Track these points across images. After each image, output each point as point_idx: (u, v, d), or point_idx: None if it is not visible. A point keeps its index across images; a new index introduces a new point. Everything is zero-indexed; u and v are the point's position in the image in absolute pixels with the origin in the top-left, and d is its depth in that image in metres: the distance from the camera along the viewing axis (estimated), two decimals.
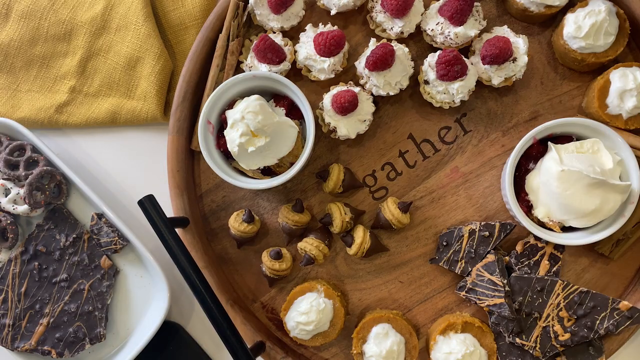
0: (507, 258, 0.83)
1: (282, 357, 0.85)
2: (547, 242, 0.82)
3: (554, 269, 0.81)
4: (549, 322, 0.80)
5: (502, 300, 0.79)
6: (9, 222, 0.90)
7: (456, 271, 0.84)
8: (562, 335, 0.79)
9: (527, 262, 0.82)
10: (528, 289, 0.80)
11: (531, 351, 0.80)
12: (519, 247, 0.82)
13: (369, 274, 0.87)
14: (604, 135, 0.78)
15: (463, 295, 0.83)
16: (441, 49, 0.83)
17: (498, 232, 0.82)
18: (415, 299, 0.87)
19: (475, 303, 0.83)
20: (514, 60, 0.81)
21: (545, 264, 0.81)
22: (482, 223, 0.83)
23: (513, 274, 0.81)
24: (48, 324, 0.90)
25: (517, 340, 0.80)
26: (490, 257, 0.81)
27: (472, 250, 0.82)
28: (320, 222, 0.87)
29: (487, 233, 0.82)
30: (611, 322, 0.79)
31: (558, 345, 0.79)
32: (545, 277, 0.80)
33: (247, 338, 0.84)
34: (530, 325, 0.80)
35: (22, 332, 0.90)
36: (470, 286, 0.82)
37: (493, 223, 0.82)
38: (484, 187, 0.87)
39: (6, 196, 0.90)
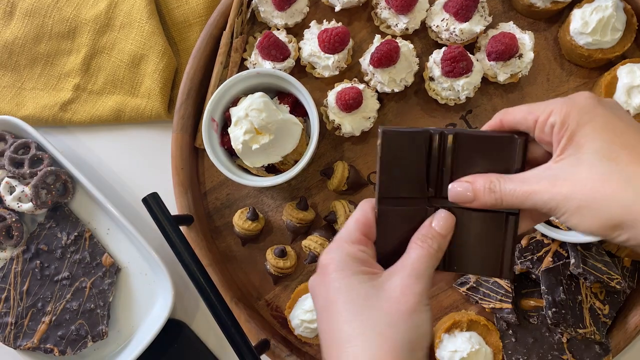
0: None
1: (287, 355, 0.84)
2: (553, 240, 0.81)
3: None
4: (590, 301, 0.79)
5: (510, 306, 0.78)
6: (14, 219, 0.90)
7: None
8: (604, 310, 0.79)
9: (530, 257, 0.81)
10: (562, 278, 0.79)
11: (592, 336, 0.79)
12: (523, 242, 0.82)
13: None
14: None
15: (463, 291, 0.83)
16: (446, 46, 0.82)
17: None
18: None
19: (476, 302, 0.82)
20: (520, 56, 0.80)
21: (548, 260, 0.81)
22: None
23: (542, 269, 0.80)
24: (50, 322, 0.90)
25: (579, 330, 0.78)
26: None
27: None
28: (324, 219, 0.86)
29: None
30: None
31: (607, 320, 0.79)
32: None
33: (251, 336, 0.83)
34: (579, 311, 0.79)
35: (24, 331, 0.90)
36: (474, 285, 0.82)
37: None
38: None
39: (11, 194, 0.90)
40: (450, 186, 0.51)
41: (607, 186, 0.42)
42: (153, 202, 0.77)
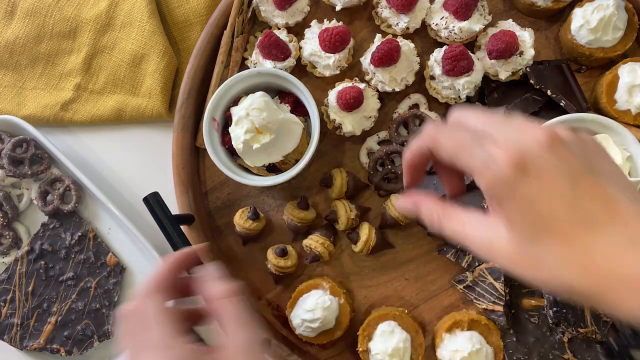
0: None
1: (288, 355, 0.84)
2: None
3: None
4: None
5: (502, 309, 0.78)
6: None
7: (462, 264, 0.83)
8: None
9: None
10: None
11: (593, 336, 0.78)
12: None
13: (374, 272, 0.87)
14: (613, 131, 0.77)
15: (460, 289, 0.83)
16: (446, 44, 0.82)
17: None
18: (421, 296, 0.86)
19: (472, 301, 0.82)
20: (521, 54, 0.80)
21: None
22: None
23: None
24: (56, 322, 0.90)
25: (580, 330, 0.78)
26: None
27: None
28: (325, 219, 0.86)
29: None
30: None
31: (608, 320, 0.78)
32: None
33: None
34: (580, 311, 0.79)
35: (30, 331, 0.90)
36: (471, 284, 0.82)
37: None
38: None
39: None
40: (398, 200, 0.55)
41: (529, 270, 0.44)
42: (154, 202, 0.77)
